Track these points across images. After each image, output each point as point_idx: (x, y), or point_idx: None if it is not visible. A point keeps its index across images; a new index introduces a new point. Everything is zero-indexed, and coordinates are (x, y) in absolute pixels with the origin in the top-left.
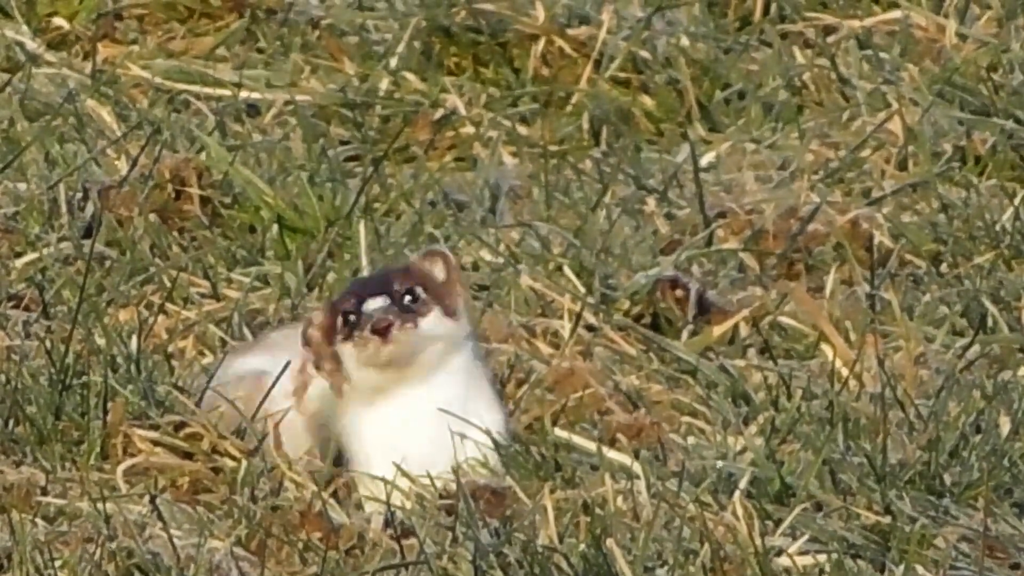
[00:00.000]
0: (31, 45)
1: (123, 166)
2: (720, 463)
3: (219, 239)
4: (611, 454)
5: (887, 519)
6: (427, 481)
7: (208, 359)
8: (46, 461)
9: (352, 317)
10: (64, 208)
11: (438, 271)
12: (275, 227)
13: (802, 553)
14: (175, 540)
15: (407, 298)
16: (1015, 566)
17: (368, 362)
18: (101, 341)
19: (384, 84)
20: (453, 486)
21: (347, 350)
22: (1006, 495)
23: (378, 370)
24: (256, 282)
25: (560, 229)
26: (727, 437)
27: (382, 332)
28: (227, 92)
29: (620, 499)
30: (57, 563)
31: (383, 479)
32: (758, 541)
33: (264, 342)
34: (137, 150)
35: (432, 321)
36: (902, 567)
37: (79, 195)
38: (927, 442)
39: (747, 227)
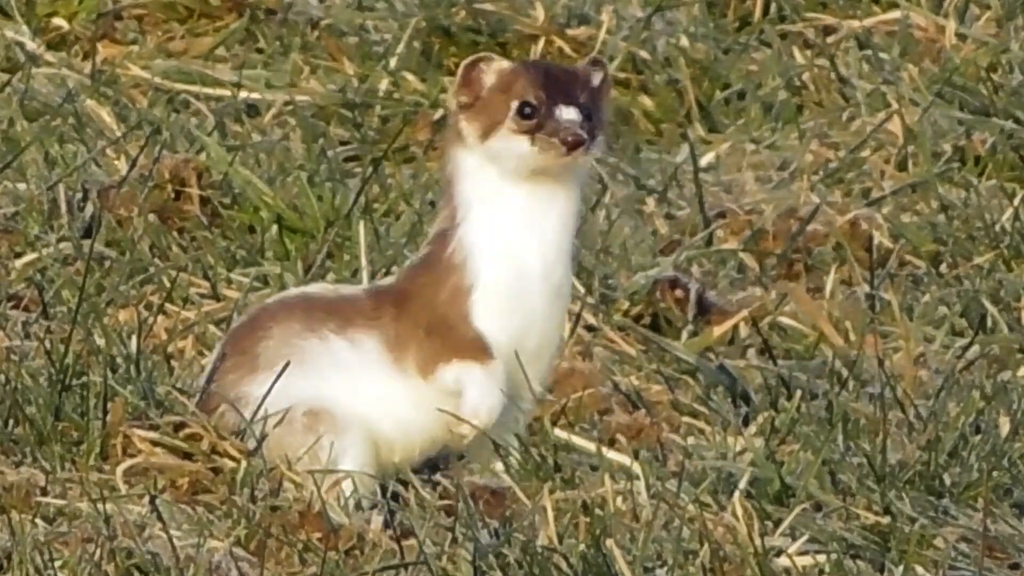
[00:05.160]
0: (31, 45)
1: (123, 166)
2: (720, 463)
3: (219, 239)
4: (611, 454)
5: (887, 519)
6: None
7: (208, 359)
8: (46, 461)
9: (530, 111)
10: (64, 208)
11: (595, 81)
12: (274, 227)
13: (802, 553)
14: (175, 540)
15: (590, 117)
16: (1015, 566)
17: (532, 163)
18: (101, 341)
19: (384, 84)
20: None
21: (517, 142)
22: (1006, 495)
23: (526, 172)
24: (256, 282)
25: None
26: (727, 437)
27: (572, 147)
28: (227, 92)
29: (620, 499)
30: (57, 563)
31: (383, 480)
32: (758, 541)
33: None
34: (137, 150)
35: (599, 145)
36: (901, 567)
37: (79, 195)
38: (927, 442)
39: (747, 227)
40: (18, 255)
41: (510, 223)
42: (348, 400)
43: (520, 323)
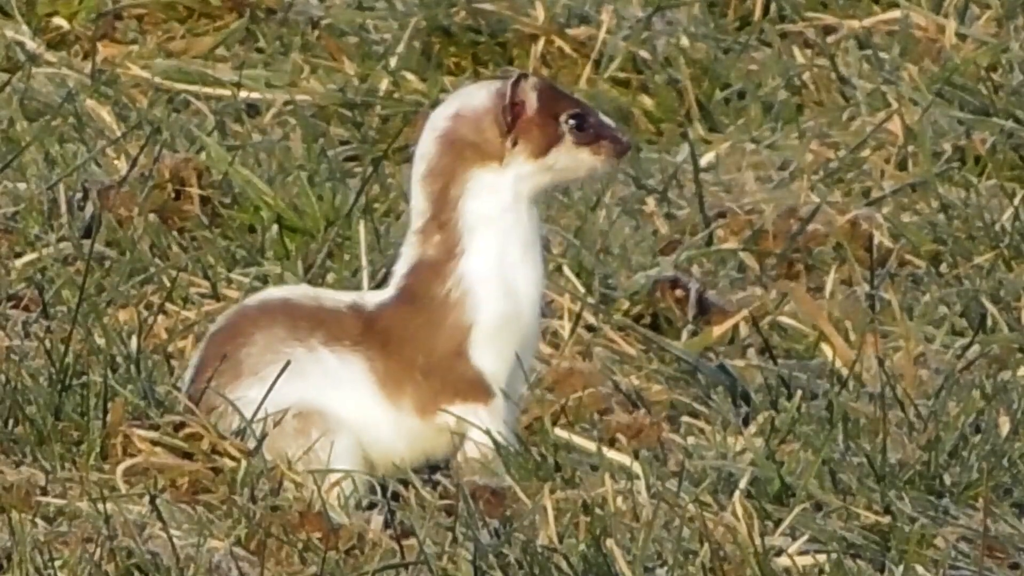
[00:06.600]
0: (31, 45)
1: (123, 166)
2: (720, 463)
3: (219, 239)
4: (611, 454)
5: (887, 519)
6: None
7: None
8: (46, 461)
9: (573, 122)
10: (64, 208)
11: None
12: (275, 227)
13: (802, 553)
14: (175, 540)
15: None
16: (1014, 566)
17: (593, 171)
18: (101, 341)
19: (384, 84)
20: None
21: (578, 153)
22: (1006, 495)
23: (583, 179)
24: (256, 282)
25: (560, 229)
26: (727, 437)
27: (622, 152)
28: (227, 92)
29: (620, 499)
30: (57, 563)
31: (382, 480)
32: (758, 541)
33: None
34: (137, 150)
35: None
36: (902, 567)
37: (79, 195)
38: (927, 442)
39: (747, 227)
40: (18, 255)
41: (511, 247)
42: (334, 405)
43: (517, 348)
